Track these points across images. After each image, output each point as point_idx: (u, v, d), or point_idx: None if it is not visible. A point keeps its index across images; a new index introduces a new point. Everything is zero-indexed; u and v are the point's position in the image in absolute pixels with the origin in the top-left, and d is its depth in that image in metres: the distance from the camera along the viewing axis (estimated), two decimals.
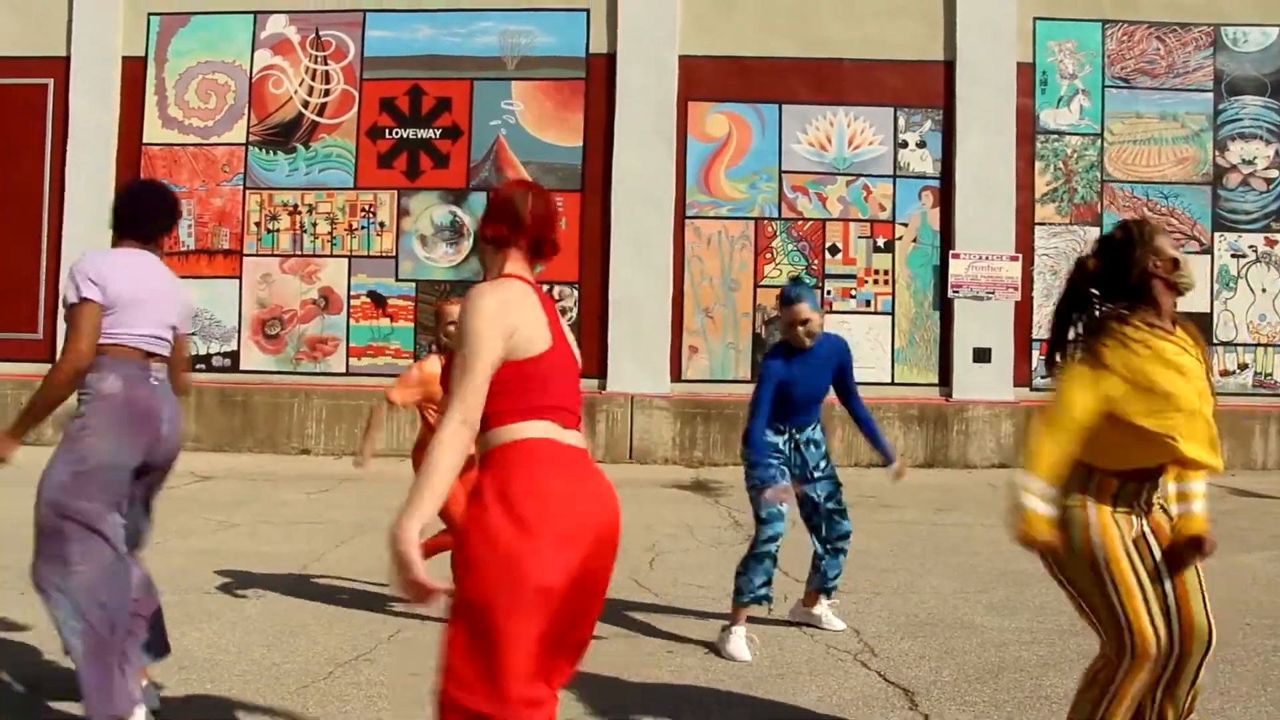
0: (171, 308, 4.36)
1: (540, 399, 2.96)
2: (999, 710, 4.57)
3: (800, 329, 5.63)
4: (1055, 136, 13.95)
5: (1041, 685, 4.87)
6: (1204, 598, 3.48)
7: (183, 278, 13.94)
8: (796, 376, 5.69)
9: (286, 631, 5.50)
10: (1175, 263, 3.49)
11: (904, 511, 9.78)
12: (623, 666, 5.07)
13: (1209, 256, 13.79)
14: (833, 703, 4.69)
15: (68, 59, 14.64)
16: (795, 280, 5.99)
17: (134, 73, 14.61)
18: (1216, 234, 13.84)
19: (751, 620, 5.61)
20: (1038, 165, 13.94)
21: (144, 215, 4.40)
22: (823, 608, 5.93)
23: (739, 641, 5.41)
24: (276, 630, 5.53)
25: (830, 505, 5.86)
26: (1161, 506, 3.60)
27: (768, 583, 5.58)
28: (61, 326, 13.89)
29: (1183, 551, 3.50)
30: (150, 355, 4.24)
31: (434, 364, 5.98)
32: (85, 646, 3.91)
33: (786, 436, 5.75)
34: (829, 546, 5.86)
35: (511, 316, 2.98)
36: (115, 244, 4.42)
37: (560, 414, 2.99)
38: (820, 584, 5.90)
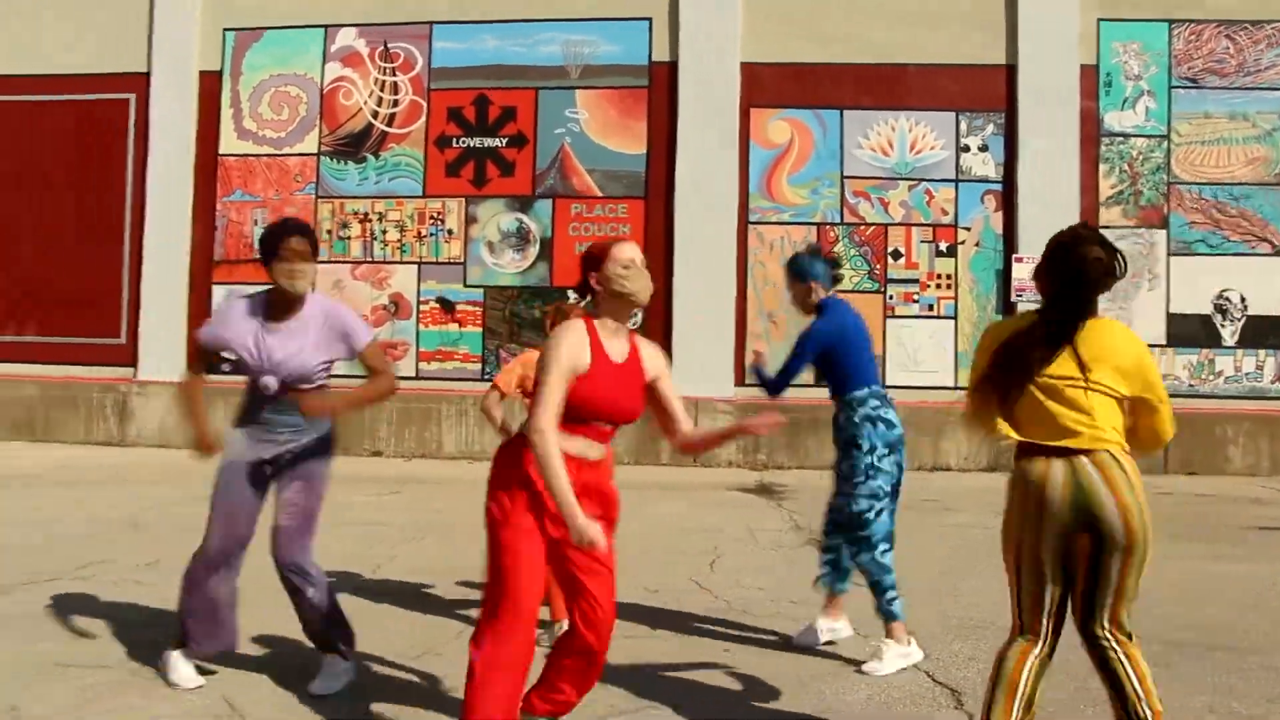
0: None
1: None
2: (1042, 710, 4.64)
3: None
4: (1120, 139, 13.87)
5: (1087, 686, 4.92)
6: None
7: (256, 284, 14.39)
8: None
9: (359, 627, 5.72)
10: None
11: (961, 515, 9.83)
12: (678, 664, 5.23)
13: None
14: (881, 700, 4.82)
15: (148, 74, 15.12)
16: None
17: (210, 87, 15.06)
18: None
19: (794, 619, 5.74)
20: (1102, 168, 13.87)
21: None
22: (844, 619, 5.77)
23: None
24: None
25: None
26: None
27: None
28: (144, 331, 14.43)
29: None
30: None
31: (533, 355, 6.21)
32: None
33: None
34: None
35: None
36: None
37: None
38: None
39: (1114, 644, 3.69)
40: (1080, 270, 3.78)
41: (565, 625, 4.04)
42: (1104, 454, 3.62)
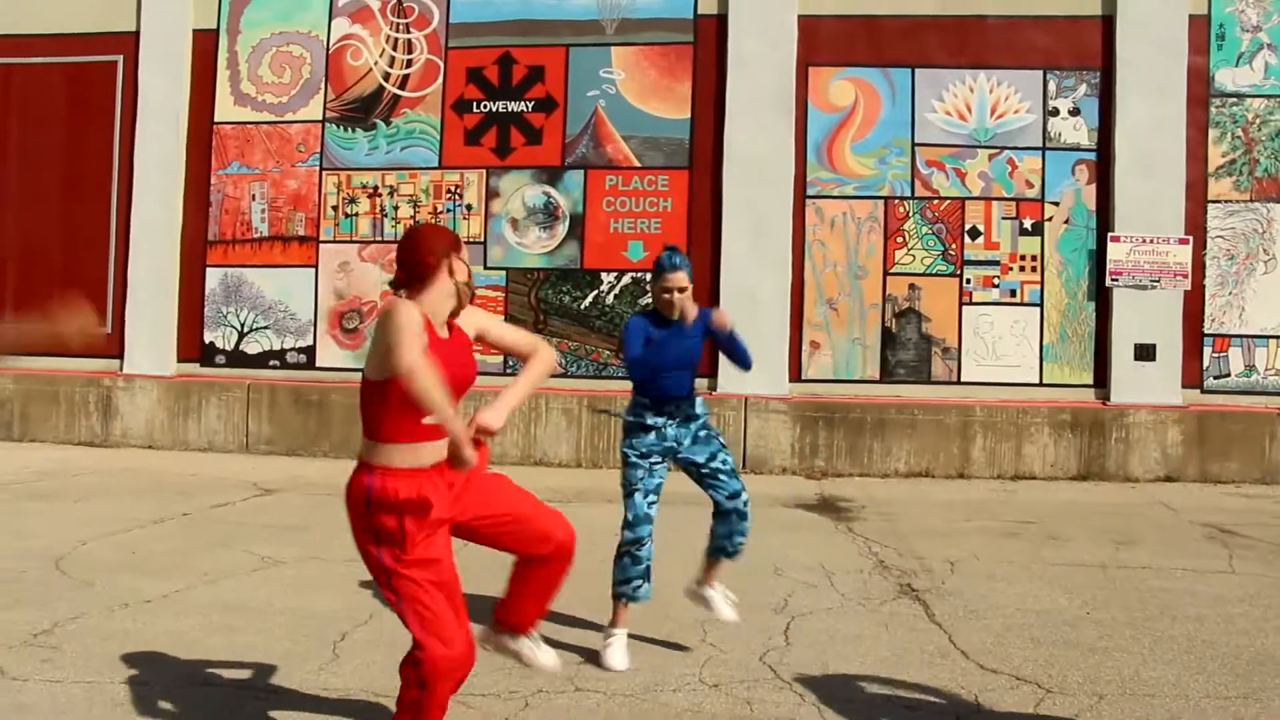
0: None
1: None
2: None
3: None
4: (1234, 100, 12.11)
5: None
6: None
7: (255, 267, 12.95)
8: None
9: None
10: None
11: (1077, 547, 8.15)
12: None
13: None
14: None
15: (137, 34, 13.65)
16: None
17: (205, 46, 13.56)
18: None
19: None
20: (1212, 133, 12.12)
21: None
22: (718, 591, 5.55)
23: (615, 649, 5.20)
24: None
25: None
26: None
27: (630, 580, 5.30)
28: (131, 320, 13.07)
29: None
30: None
31: None
32: None
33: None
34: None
35: None
36: None
37: None
38: (716, 549, 5.55)
39: None
40: None
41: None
42: None
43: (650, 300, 5.86)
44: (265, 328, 13.21)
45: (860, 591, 6.65)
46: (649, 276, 5.70)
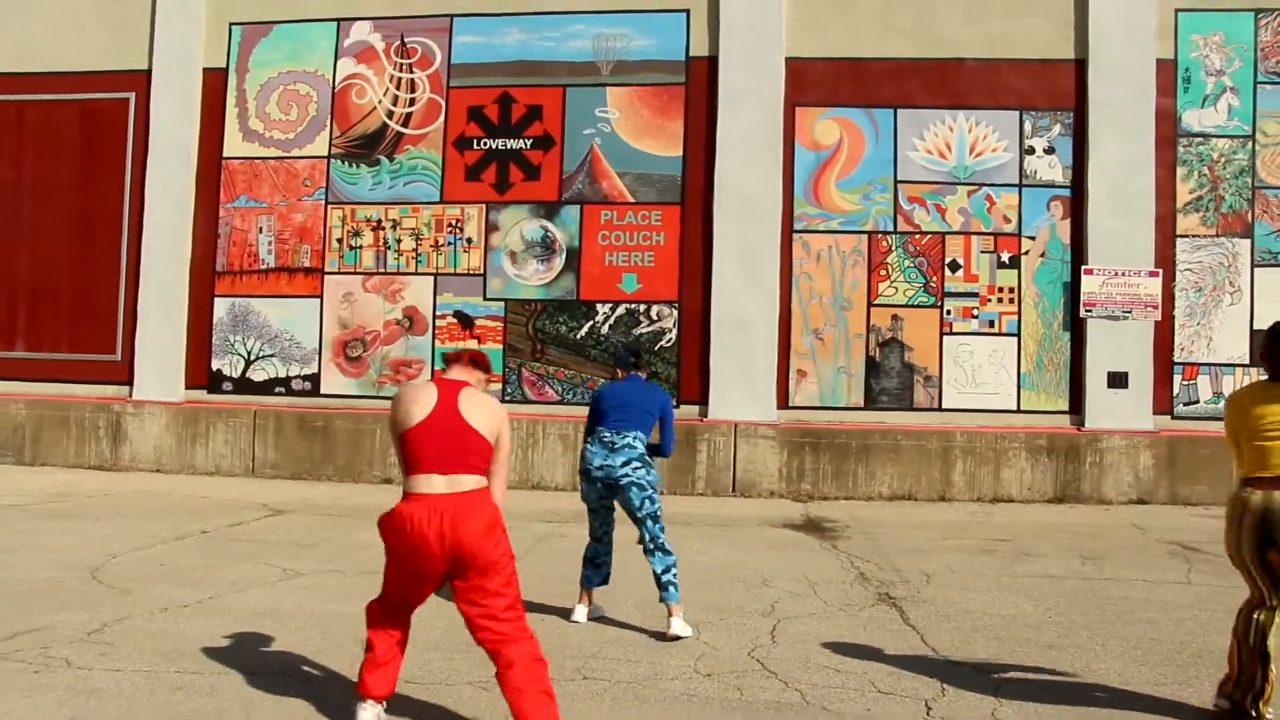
0: None
1: None
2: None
3: None
4: (1200, 139, 12.69)
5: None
6: None
7: (261, 297, 13.40)
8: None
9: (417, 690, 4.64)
10: None
11: (1047, 561, 8.63)
12: None
13: None
14: None
15: (149, 72, 14.18)
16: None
17: (215, 85, 14.09)
18: None
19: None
20: (1180, 171, 12.71)
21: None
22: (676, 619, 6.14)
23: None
24: None
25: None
26: None
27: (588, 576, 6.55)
28: (141, 347, 13.49)
29: None
30: None
31: None
32: None
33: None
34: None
35: None
36: None
37: None
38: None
39: None
40: None
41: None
42: None
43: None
44: (271, 356, 13.66)
45: (842, 599, 7.12)
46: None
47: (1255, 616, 4.65)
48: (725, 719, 4.74)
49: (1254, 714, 4.61)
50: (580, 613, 6.45)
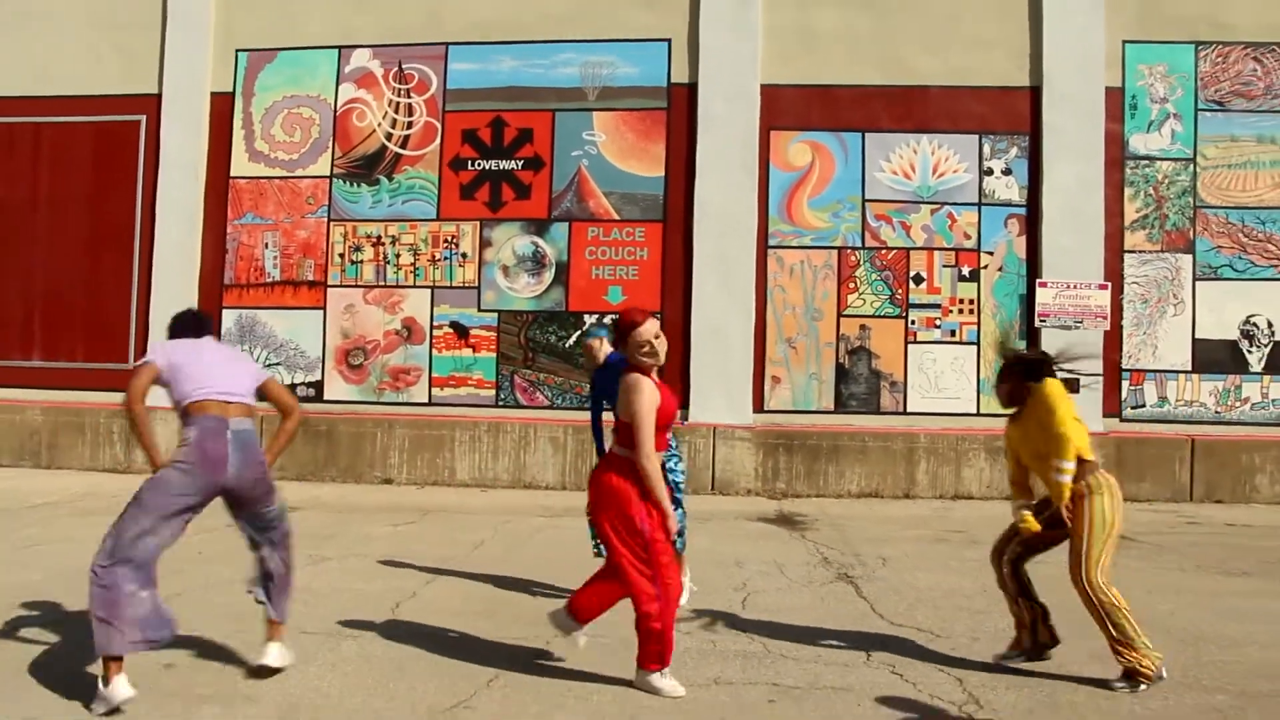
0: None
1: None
2: None
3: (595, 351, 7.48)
4: (1146, 162, 13.66)
5: None
6: None
7: (267, 309, 14.24)
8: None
9: (385, 676, 5.48)
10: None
11: (987, 548, 9.52)
12: (728, 717, 4.98)
13: None
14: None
15: (159, 96, 14.97)
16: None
17: (222, 108, 14.90)
18: None
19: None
20: (1127, 191, 13.67)
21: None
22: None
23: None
24: (375, 675, 5.50)
25: None
26: None
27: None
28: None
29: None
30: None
31: None
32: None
33: None
34: None
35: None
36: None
37: None
38: None
39: None
40: None
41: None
42: None
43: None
44: (277, 364, 14.48)
45: (805, 578, 8.03)
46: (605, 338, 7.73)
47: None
48: (702, 663, 5.66)
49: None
50: None
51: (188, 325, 5.92)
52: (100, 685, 4.89)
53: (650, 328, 5.39)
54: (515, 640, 6.16)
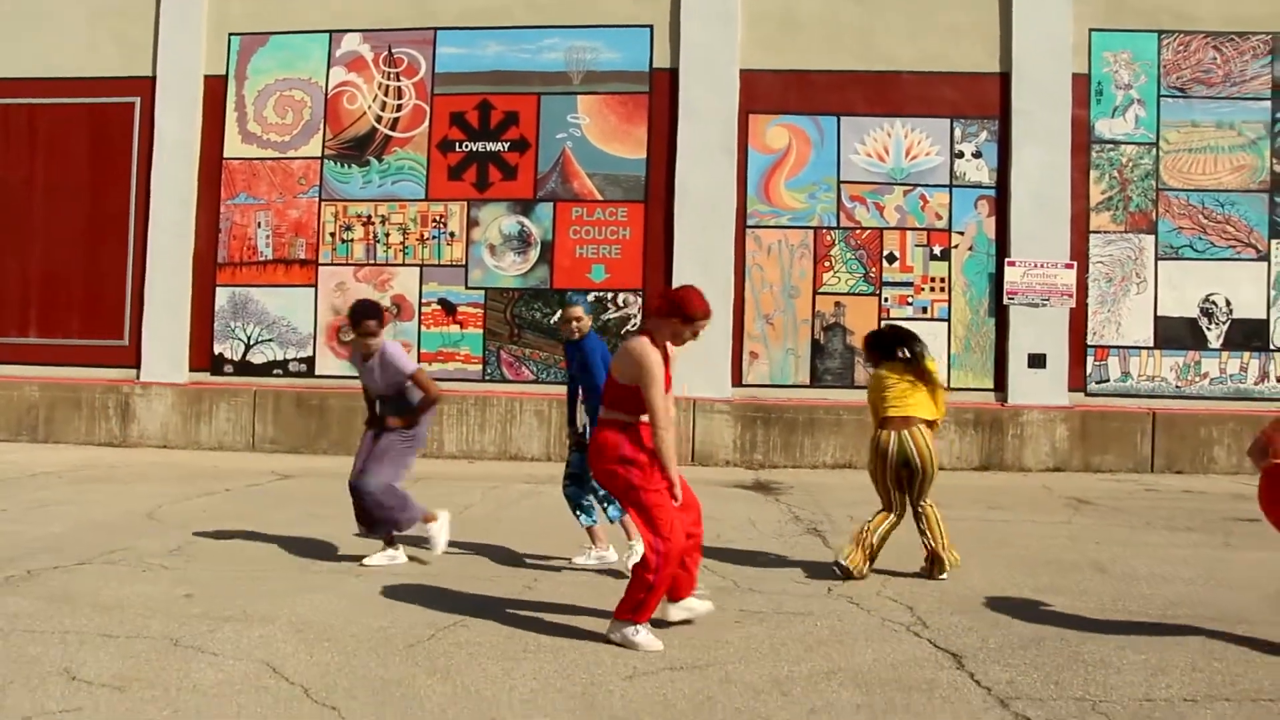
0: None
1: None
2: (1038, 670, 4.94)
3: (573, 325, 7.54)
4: (1110, 146, 14.17)
5: (1080, 652, 5.23)
6: None
7: (260, 286, 14.59)
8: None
9: (387, 602, 5.98)
10: None
11: (955, 510, 10.01)
12: (696, 633, 5.45)
13: (1265, 264, 13.96)
14: (887, 663, 5.07)
15: (153, 79, 15.33)
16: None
17: (215, 90, 15.27)
18: (1273, 241, 13.99)
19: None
20: (1093, 174, 14.17)
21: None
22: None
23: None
24: (379, 601, 6.02)
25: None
26: None
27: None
28: (147, 333, 14.58)
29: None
30: None
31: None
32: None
33: None
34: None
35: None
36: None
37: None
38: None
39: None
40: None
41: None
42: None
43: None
44: (270, 340, 14.90)
45: (776, 532, 8.55)
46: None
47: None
48: None
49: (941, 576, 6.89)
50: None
51: None
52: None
53: (704, 327, 5.53)
54: (499, 578, 6.66)
